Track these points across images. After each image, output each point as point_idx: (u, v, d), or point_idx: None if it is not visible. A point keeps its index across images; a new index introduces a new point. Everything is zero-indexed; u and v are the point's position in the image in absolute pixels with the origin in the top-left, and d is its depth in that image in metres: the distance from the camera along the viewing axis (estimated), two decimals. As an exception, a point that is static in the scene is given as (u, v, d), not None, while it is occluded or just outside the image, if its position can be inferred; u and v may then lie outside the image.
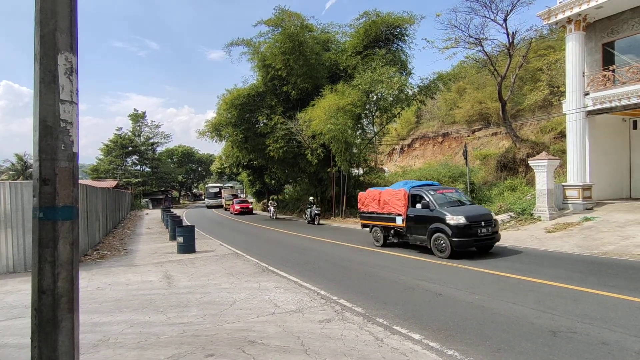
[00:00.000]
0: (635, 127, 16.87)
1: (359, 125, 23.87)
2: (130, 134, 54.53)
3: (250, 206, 33.82)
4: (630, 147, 16.91)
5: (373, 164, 29.05)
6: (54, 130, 1.29)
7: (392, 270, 8.59)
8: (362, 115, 23.36)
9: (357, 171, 26.43)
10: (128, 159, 54.19)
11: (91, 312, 6.06)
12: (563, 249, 10.06)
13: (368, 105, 22.92)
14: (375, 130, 26.91)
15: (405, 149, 35.63)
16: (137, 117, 55.59)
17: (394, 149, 37.11)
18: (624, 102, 14.01)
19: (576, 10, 14.82)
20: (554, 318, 5.09)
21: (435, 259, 9.46)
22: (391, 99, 21.19)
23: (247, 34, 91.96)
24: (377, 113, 24.29)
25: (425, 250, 10.55)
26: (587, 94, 15.23)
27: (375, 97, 21.95)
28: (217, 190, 51.22)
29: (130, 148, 52.77)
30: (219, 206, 46.05)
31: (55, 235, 1.28)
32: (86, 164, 57.23)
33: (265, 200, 37.85)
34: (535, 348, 4.22)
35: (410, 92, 21.89)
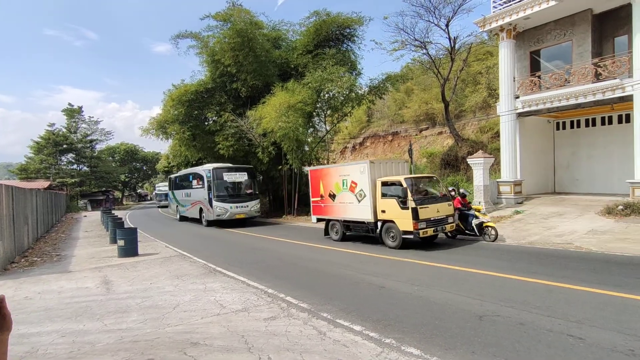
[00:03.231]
0: (558, 128, 18.69)
1: (311, 124, 24.01)
2: (64, 130, 50.32)
3: None
4: (554, 146, 18.70)
5: (325, 162, 29.38)
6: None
7: (340, 266, 8.82)
8: (314, 113, 23.52)
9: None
10: (62, 158, 49.91)
11: (18, 322, 5.59)
12: (496, 240, 10.91)
13: (319, 104, 23.14)
14: (327, 128, 27.22)
15: (357, 147, 36.43)
16: (73, 112, 51.44)
17: (345, 147, 37.80)
18: (548, 105, 15.46)
19: (507, 19, 16.07)
20: (482, 304, 5.55)
21: (383, 254, 9.84)
22: (342, 98, 21.59)
23: (197, 26, 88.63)
24: (328, 112, 24.60)
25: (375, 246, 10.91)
26: (518, 97, 16.59)
27: (326, 95, 22.22)
28: (245, 177, 20.22)
29: (64, 145, 48.60)
30: (242, 220, 19.88)
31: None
32: (14, 163, 52.05)
33: None
34: (463, 331, 4.59)
35: (360, 92, 22.43)
